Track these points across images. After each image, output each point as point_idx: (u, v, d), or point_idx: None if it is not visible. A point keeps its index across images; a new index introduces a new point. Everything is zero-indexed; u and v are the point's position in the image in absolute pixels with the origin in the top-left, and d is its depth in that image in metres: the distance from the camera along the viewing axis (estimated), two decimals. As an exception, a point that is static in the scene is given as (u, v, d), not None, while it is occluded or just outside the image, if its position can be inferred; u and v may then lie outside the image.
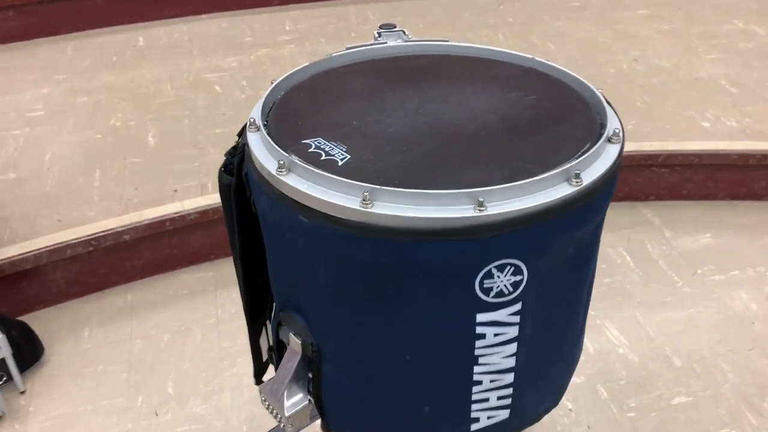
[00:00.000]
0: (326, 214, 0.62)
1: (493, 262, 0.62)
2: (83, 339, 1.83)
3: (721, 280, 1.99)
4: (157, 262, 2.02)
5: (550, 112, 0.74)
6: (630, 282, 1.96)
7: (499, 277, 0.62)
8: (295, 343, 0.76)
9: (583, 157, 0.64)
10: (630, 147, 2.19)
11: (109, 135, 2.36)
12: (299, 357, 0.76)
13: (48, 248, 1.85)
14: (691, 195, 2.29)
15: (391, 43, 0.92)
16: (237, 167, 0.76)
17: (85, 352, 1.80)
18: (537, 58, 0.84)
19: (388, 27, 0.96)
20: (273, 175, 0.65)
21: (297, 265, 0.70)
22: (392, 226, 0.60)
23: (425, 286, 0.63)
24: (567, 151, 0.66)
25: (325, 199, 0.62)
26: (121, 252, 1.95)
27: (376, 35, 0.96)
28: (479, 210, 0.59)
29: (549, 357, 0.75)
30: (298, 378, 0.77)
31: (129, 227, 1.92)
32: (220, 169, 0.80)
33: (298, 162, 0.64)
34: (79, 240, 1.87)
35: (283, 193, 0.65)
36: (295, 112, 0.76)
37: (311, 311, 0.72)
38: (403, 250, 0.61)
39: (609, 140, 0.68)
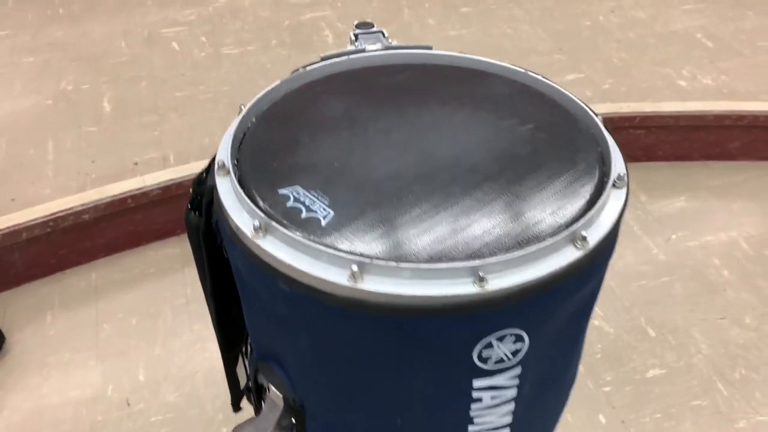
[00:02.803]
0: (310, 286, 0.56)
1: (493, 333, 0.57)
2: (46, 324, 1.76)
3: (695, 246, 1.99)
4: (121, 239, 1.94)
5: (549, 146, 0.68)
6: (605, 250, 1.95)
7: (498, 347, 0.58)
8: (275, 395, 0.71)
9: (589, 215, 0.58)
10: (607, 108, 2.14)
11: (60, 100, 2.21)
12: (281, 409, 0.71)
13: (2, 231, 1.74)
14: (666, 156, 2.27)
15: (369, 48, 0.84)
16: (206, 210, 0.68)
17: (48, 339, 1.73)
18: (530, 73, 0.77)
19: (365, 27, 0.87)
20: (248, 237, 0.58)
21: (277, 326, 0.64)
22: (384, 303, 0.54)
23: (419, 358, 0.59)
24: (570, 203, 0.61)
25: (309, 271, 0.55)
26: (81, 231, 1.86)
27: (353, 37, 0.87)
28: (480, 285, 0.53)
29: (547, 404, 0.72)
30: (280, 428, 0.73)
31: (89, 206, 1.82)
32: (187, 206, 0.72)
33: (277, 226, 0.57)
34: (36, 222, 1.77)
35: (260, 258, 0.58)
36: (268, 147, 0.68)
37: (293, 369, 0.67)
38: (395, 327, 0.56)
39: (614, 185, 0.63)
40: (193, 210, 0.71)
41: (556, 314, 0.59)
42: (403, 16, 2.66)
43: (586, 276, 0.59)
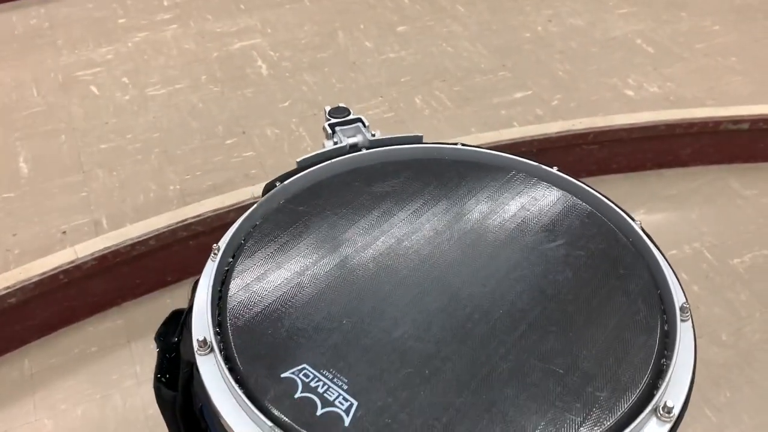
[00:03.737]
0: None
1: None
2: (-23, 428, 1.56)
3: (662, 262, 1.95)
4: (55, 317, 1.74)
5: (591, 270, 0.57)
6: (575, 277, 1.89)
7: None
8: None
9: (668, 376, 0.48)
10: (560, 127, 2.08)
11: (-31, 164, 1.98)
12: None
13: None
14: (620, 168, 2.23)
15: (349, 141, 0.72)
16: (184, 388, 0.55)
17: (-18, 446, 1.52)
18: (543, 166, 0.67)
19: (341, 114, 0.75)
20: (252, 449, 0.45)
21: None
22: None
23: None
24: (639, 357, 0.50)
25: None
26: (9, 315, 1.65)
27: (328, 129, 0.75)
28: (562, 500, 0.42)
29: None
30: None
31: (14, 288, 1.62)
32: (156, 376, 0.58)
33: (289, 438, 0.45)
34: (-46, 313, 1.56)
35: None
36: (256, 304, 0.55)
37: None
38: None
39: (682, 319, 0.53)
40: (162, 381, 0.57)
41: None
42: (338, 40, 2.53)
43: (668, 445, 0.49)
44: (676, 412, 0.47)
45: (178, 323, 0.61)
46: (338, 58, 2.43)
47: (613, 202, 0.62)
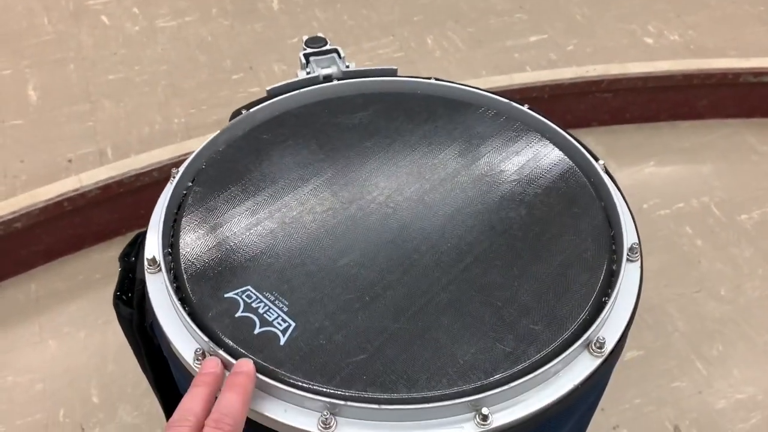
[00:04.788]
0: (271, 429, 0.45)
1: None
2: (-15, 346, 1.62)
3: (667, 214, 1.93)
4: (60, 244, 1.78)
5: (546, 207, 0.57)
6: (577, 226, 1.88)
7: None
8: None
9: (604, 312, 0.48)
10: (573, 73, 2.03)
11: (-21, 90, 2.00)
12: None
13: (-76, 248, 1.58)
14: (633, 118, 2.18)
15: (322, 72, 0.71)
16: (138, 305, 0.56)
17: (-11, 363, 1.59)
18: (513, 104, 0.66)
19: (317, 44, 0.74)
20: (189, 364, 0.47)
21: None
22: (364, 451, 0.44)
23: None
24: (580, 292, 0.50)
25: (268, 414, 0.44)
26: (14, 240, 1.70)
27: (303, 59, 0.74)
28: (483, 425, 0.43)
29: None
30: None
31: (20, 213, 1.66)
32: (115, 293, 0.60)
33: (224, 354, 0.46)
34: (-39, 235, 1.61)
35: (207, 389, 0.47)
36: (209, 227, 0.56)
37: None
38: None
39: (628, 259, 0.53)
40: (122, 298, 0.59)
41: (566, 426, 0.50)
42: (352, -24, 2.47)
43: (603, 380, 0.49)
44: (609, 347, 0.48)
45: (141, 244, 0.62)
46: (350, -4, 2.38)
47: (578, 141, 0.61)
